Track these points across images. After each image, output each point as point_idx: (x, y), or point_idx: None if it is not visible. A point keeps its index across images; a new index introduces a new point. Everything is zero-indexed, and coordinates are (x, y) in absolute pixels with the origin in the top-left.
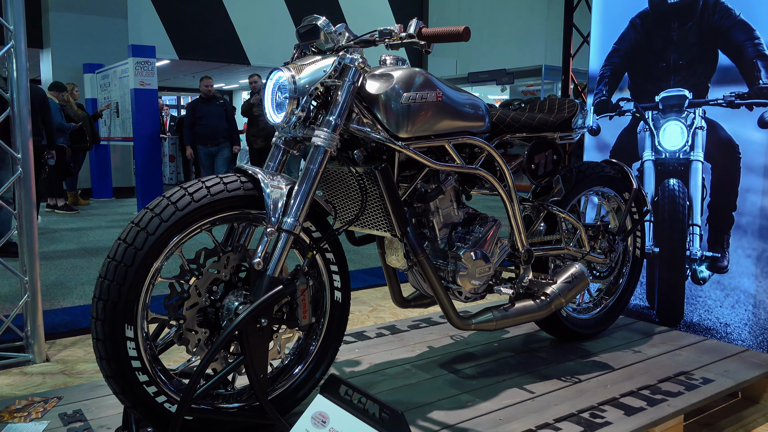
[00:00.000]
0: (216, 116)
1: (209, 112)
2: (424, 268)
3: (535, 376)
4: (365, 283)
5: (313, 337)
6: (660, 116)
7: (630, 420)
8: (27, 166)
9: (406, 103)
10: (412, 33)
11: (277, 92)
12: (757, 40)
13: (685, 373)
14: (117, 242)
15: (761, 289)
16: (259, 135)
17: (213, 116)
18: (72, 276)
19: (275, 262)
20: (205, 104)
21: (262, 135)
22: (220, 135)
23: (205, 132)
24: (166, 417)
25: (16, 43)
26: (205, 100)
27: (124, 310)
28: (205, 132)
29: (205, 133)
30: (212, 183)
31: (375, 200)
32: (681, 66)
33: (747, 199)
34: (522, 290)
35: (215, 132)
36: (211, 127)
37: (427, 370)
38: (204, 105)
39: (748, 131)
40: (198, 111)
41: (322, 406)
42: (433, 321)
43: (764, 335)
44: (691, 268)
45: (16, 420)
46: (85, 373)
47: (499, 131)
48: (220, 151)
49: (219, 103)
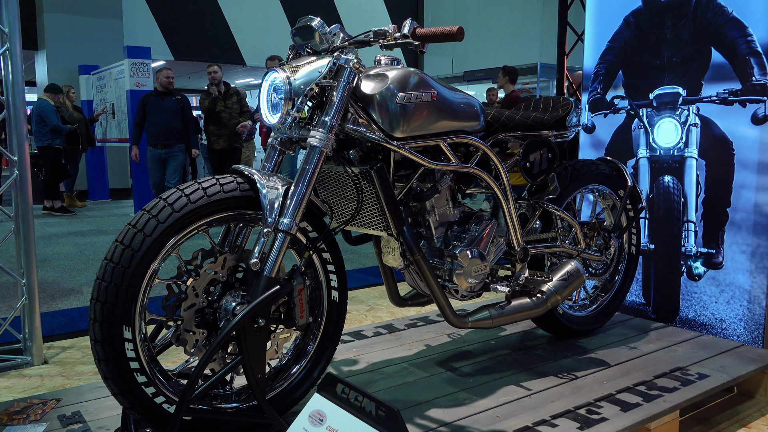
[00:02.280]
0: (170, 113)
1: (162, 108)
2: (421, 267)
3: (532, 373)
4: (363, 283)
5: (310, 337)
6: (654, 113)
7: (626, 416)
8: (23, 169)
9: (401, 102)
10: (407, 33)
11: (273, 93)
12: (750, 37)
13: (681, 368)
14: (114, 244)
15: (756, 284)
16: (220, 135)
17: (166, 113)
18: (69, 278)
19: (272, 262)
20: (159, 98)
21: (223, 135)
22: (173, 136)
23: (156, 131)
24: (165, 418)
25: (11, 45)
26: (160, 93)
27: (122, 311)
28: (155, 131)
29: (156, 132)
30: (209, 184)
31: (371, 200)
32: (675, 63)
33: (741, 195)
34: (518, 288)
35: (168, 132)
36: (164, 125)
37: (424, 369)
38: (157, 99)
39: (742, 128)
40: (149, 106)
41: (319, 405)
42: (431, 319)
43: (759, 330)
44: (686, 264)
45: (15, 422)
46: (84, 375)
47: (493, 130)
48: (173, 155)
49: (176, 98)
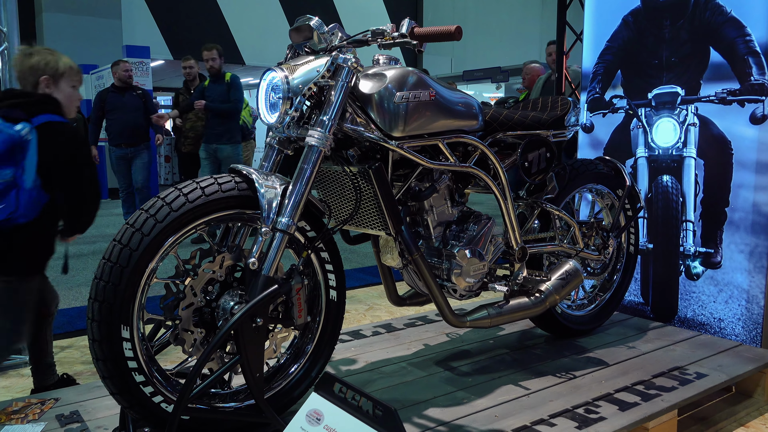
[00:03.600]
0: (131, 110)
1: (123, 105)
2: (419, 267)
3: (530, 373)
4: (362, 282)
5: (308, 336)
6: (653, 113)
7: (624, 415)
8: None
9: (399, 102)
10: (405, 33)
11: (271, 92)
12: (748, 37)
13: (679, 368)
14: (112, 243)
15: (754, 284)
16: (187, 136)
17: (128, 110)
18: (68, 277)
19: (270, 261)
20: (119, 94)
21: (190, 137)
22: (137, 134)
23: (119, 130)
24: (163, 417)
25: (10, 45)
26: (119, 89)
27: (120, 310)
28: (118, 129)
29: (119, 131)
30: (207, 183)
31: (369, 199)
32: (673, 63)
33: (739, 194)
34: (516, 287)
35: (132, 130)
36: (126, 123)
37: (423, 368)
38: (116, 95)
39: (740, 127)
40: (108, 103)
41: (316, 404)
42: (429, 319)
43: (757, 330)
44: (684, 263)
45: (13, 422)
46: (82, 375)
47: (492, 129)
48: (138, 154)
49: (136, 93)
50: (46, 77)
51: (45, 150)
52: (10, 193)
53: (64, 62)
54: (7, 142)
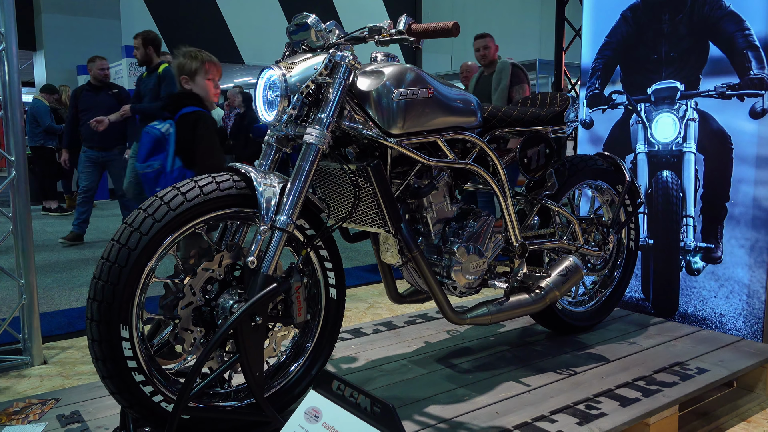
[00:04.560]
0: (106, 110)
1: (98, 104)
2: (419, 264)
3: (531, 369)
4: (362, 280)
5: (308, 335)
6: (652, 108)
7: (625, 411)
8: (21, 169)
9: (397, 99)
10: (402, 29)
11: (269, 91)
12: (747, 31)
13: (680, 363)
14: (111, 243)
15: (755, 279)
16: None
17: (103, 109)
18: (68, 278)
19: (269, 260)
20: (93, 93)
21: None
22: (112, 137)
23: (91, 130)
24: (163, 416)
25: (8, 45)
26: (94, 87)
27: (119, 310)
28: (89, 129)
29: (90, 132)
30: (205, 182)
31: (368, 197)
32: (672, 58)
33: (740, 189)
34: (517, 284)
35: (105, 132)
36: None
37: (423, 365)
38: (90, 94)
39: (740, 122)
40: (82, 102)
41: (315, 402)
42: (430, 316)
43: (758, 325)
44: (685, 259)
45: (14, 422)
46: (83, 375)
47: (491, 126)
48: (112, 159)
49: (112, 92)
50: (185, 76)
51: (181, 137)
52: (160, 178)
53: (198, 60)
54: (152, 140)
